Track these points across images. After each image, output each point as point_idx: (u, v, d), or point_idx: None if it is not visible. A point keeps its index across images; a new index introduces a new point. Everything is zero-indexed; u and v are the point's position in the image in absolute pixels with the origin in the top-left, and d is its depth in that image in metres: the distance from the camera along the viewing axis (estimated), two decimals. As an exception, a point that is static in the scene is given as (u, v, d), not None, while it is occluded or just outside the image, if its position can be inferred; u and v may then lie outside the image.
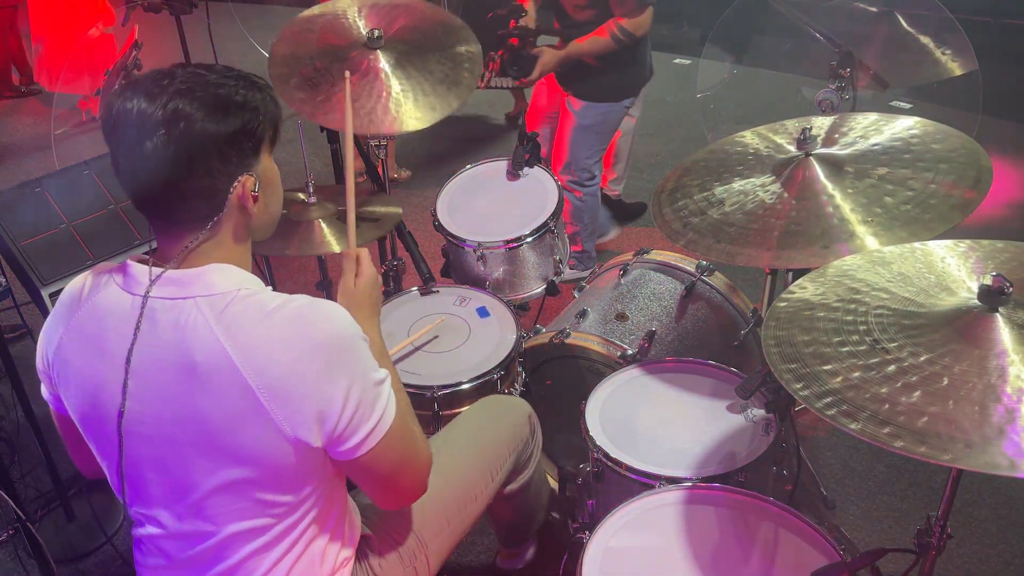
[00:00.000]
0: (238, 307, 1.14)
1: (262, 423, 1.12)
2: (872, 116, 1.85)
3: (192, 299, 1.14)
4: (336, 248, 2.07)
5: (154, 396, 1.15)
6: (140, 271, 1.18)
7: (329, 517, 1.31)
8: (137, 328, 1.15)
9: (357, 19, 2.39)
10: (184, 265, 1.17)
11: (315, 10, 2.44)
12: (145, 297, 1.15)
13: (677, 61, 5.63)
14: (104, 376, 1.17)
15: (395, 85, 2.22)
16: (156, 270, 1.17)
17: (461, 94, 2.27)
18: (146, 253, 1.21)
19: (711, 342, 2.21)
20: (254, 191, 1.18)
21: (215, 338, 1.11)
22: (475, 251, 2.36)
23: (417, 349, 2.12)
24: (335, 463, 1.23)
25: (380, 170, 2.58)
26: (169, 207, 1.15)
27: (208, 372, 1.11)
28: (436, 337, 2.15)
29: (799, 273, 1.52)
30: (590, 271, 3.12)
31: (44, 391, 1.30)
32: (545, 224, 2.38)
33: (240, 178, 1.16)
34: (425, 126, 2.21)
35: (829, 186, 1.70)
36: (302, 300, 1.16)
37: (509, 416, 1.79)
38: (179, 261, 1.17)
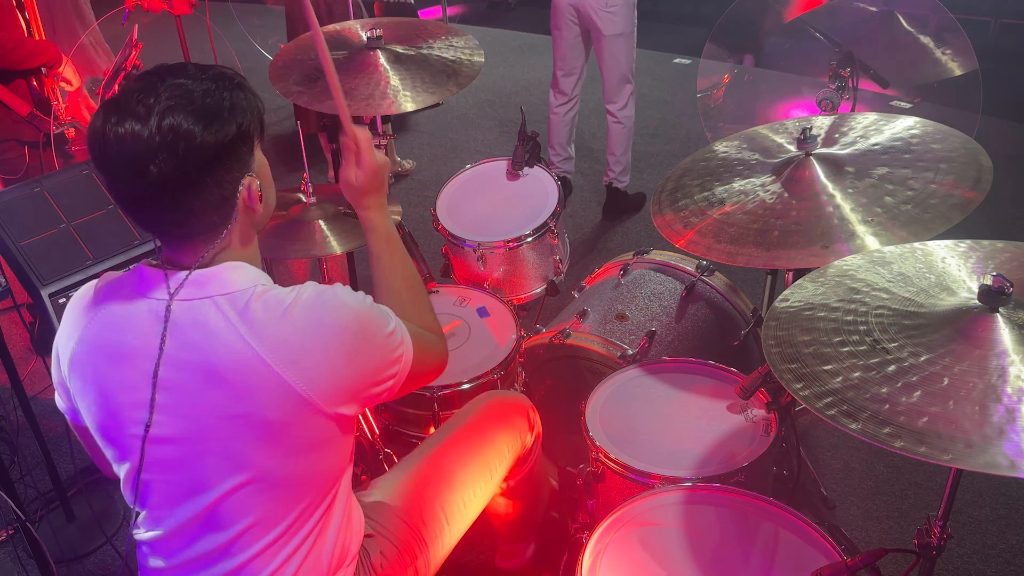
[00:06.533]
0: (258, 304, 1.14)
1: (306, 410, 1.15)
2: (872, 116, 1.85)
3: (210, 298, 1.14)
4: (337, 249, 2.07)
5: (181, 400, 1.15)
6: (153, 276, 1.18)
7: (337, 512, 1.31)
8: (162, 342, 1.15)
9: (360, 30, 2.43)
10: (198, 266, 1.18)
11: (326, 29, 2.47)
12: (167, 311, 1.15)
13: (677, 61, 5.63)
14: (124, 384, 1.17)
15: (394, 77, 2.24)
16: (174, 277, 1.17)
17: (461, 82, 2.27)
18: (152, 257, 1.21)
19: (711, 342, 2.20)
20: (260, 191, 1.19)
21: (240, 337, 1.12)
22: (475, 251, 2.36)
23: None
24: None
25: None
26: (182, 225, 1.15)
27: (238, 371, 1.12)
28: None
29: (799, 273, 1.52)
30: None
31: (59, 402, 1.29)
32: (545, 224, 2.38)
33: (244, 181, 1.17)
34: (422, 107, 2.21)
35: (829, 186, 1.70)
36: (310, 289, 1.18)
37: (509, 412, 1.78)
38: (194, 268, 1.17)
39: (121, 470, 1.24)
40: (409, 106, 2.17)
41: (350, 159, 1.41)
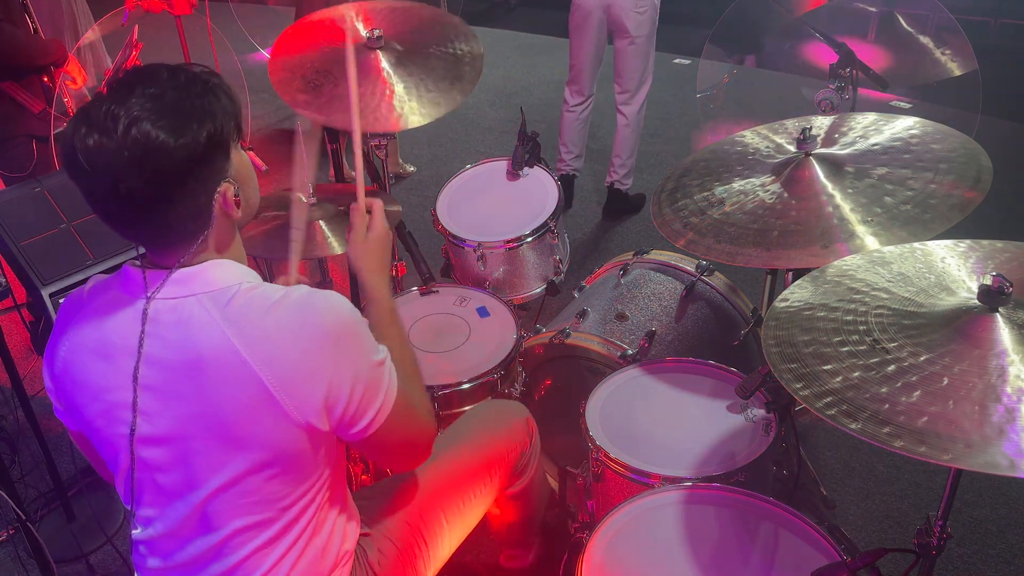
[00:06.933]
0: (242, 301, 1.14)
1: (274, 413, 1.13)
2: (872, 116, 1.85)
3: (194, 296, 1.14)
4: (337, 249, 2.08)
5: (165, 399, 1.15)
6: (137, 277, 1.18)
7: (330, 512, 1.31)
8: (140, 344, 1.14)
9: (355, 22, 2.40)
10: (179, 266, 1.17)
11: (314, 17, 2.43)
12: (145, 311, 1.15)
13: (677, 61, 5.63)
14: (111, 386, 1.17)
15: (397, 84, 2.22)
16: (153, 276, 1.16)
17: (464, 89, 2.27)
18: (135, 258, 1.21)
19: (711, 342, 2.20)
20: (236, 196, 1.18)
21: (221, 332, 1.12)
22: (475, 251, 2.36)
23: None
24: (348, 442, 1.25)
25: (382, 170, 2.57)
26: (158, 235, 1.15)
27: (216, 367, 1.11)
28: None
29: (799, 273, 1.52)
30: None
31: (56, 409, 1.29)
32: (545, 224, 2.38)
33: (219, 189, 1.15)
34: (429, 121, 2.20)
35: (829, 186, 1.70)
36: (303, 290, 1.17)
37: (507, 419, 1.78)
38: (175, 268, 1.17)
39: (112, 469, 1.25)
40: (416, 121, 2.16)
41: (362, 223, 1.46)
